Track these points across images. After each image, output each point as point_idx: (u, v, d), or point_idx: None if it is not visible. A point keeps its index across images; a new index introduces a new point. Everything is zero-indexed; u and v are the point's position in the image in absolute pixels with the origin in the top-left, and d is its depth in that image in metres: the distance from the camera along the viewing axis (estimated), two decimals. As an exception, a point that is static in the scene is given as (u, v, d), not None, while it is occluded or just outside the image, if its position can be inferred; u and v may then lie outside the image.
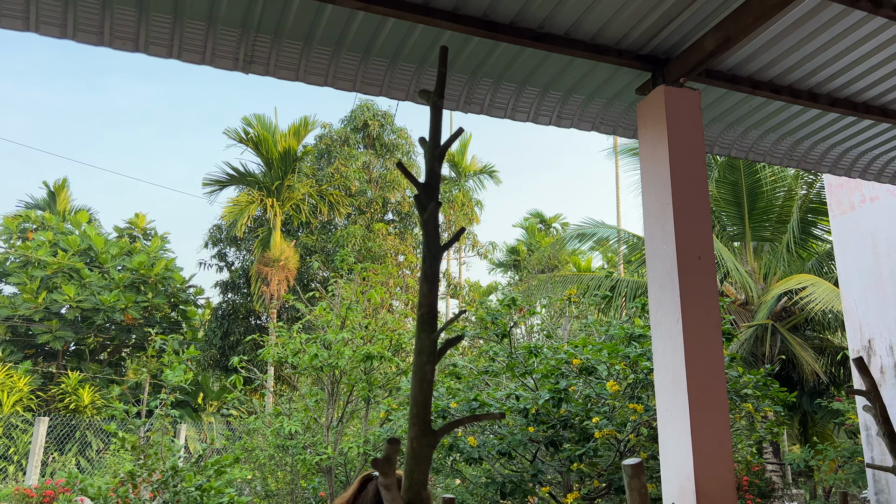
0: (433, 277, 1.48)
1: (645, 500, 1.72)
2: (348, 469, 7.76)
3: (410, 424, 1.60)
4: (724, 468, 2.91)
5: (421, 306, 1.52)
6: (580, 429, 4.72)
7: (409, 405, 1.64)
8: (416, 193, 1.42)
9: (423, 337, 1.53)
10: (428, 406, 1.63)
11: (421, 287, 1.50)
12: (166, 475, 4.69)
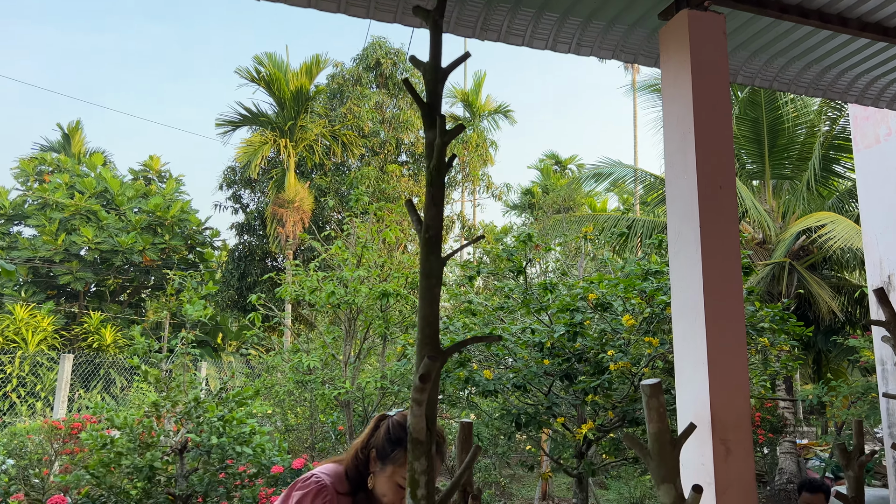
0: (439, 200, 1.45)
1: (663, 419, 1.72)
2: (366, 403, 7.93)
3: (420, 344, 1.60)
4: (740, 397, 2.93)
5: (428, 229, 1.50)
6: (595, 362, 4.75)
7: (418, 326, 1.64)
8: (424, 112, 1.38)
9: (431, 259, 1.51)
10: (436, 326, 1.63)
11: (428, 210, 1.48)
12: (189, 406, 4.81)
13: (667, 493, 1.65)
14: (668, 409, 4.64)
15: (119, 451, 4.59)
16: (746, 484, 2.91)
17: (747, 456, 2.95)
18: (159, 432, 4.94)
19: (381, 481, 1.97)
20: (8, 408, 13.19)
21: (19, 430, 7.72)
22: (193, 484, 4.57)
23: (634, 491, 10.48)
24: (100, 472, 4.41)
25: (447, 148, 1.45)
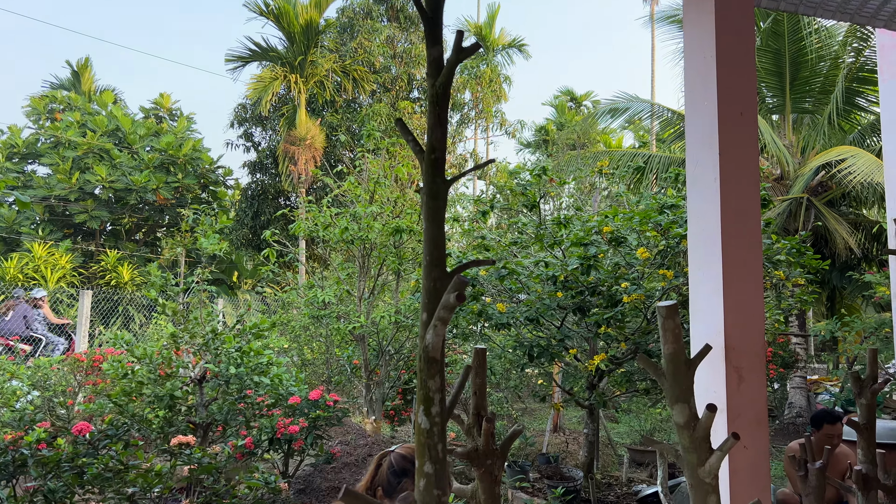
0: (444, 119, 1.42)
1: (678, 340, 1.71)
2: (380, 338, 8.03)
3: (427, 264, 1.59)
4: (755, 326, 2.92)
5: (433, 150, 1.46)
6: (608, 295, 4.76)
7: (425, 249, 1.61)
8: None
9: (437, 181, 1.49)
10: (443, 248, 1.60)
11: (433, 130, 1.44)
12: (207, 338, 4.89)
13: (680, 413, 1.66)
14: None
15: (140, 380, 4.70)
16: (758, 412, 2.93)
17: (760, 384, 2.96)
18: (178, 364, 5.04)
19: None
20: (31, 343, 13.50)
21: (43, 364, 7.91)
22: (213, 413, 4.69)
23: (645, 424, 10.66)
24: (122, 401, 4.53)
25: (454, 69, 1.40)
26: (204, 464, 3.34)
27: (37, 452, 3.68)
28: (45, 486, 3.30)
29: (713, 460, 1.65)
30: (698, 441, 1.67)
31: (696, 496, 1.68)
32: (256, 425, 5.63)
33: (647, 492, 5.50)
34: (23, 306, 10.70)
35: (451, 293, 1.51)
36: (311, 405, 5.89)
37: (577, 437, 10.44)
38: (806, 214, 10.75)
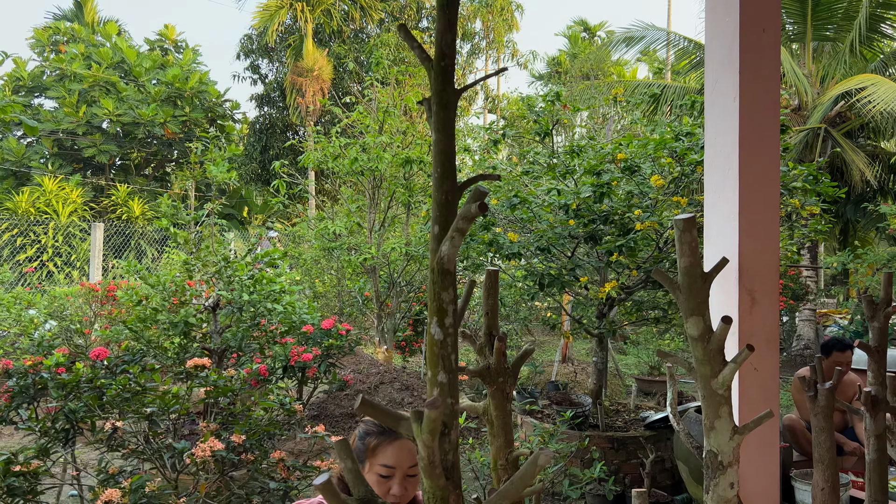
0: (454, 24, 1.36)
1: (695, 253, 1.69)
2: (391, 270, 8.07)
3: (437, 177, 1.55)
4: (769, 249, 2.89)
5: (443, 56, 1.41)
6: (620, 224, 4.72)
7: (434, 161, 1.57)
8: None
9: (447, 90, 1.44)
10: (453, 159, 1.57)
11: (442, 36, 1.39)
12: (219, 266, 4.91)
13: (695, 326, 1.65)
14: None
15: (154, 308, 4.76)
16: (770, 334, 2.93)
17: (772, 307, 2.95)
18: (191, 292, 5.09)
19: (370, 479, 1.94)
20: (46, 276, 13.69)
21: (59, 294, 8.02)
22: (227, 339, 4.75)
23: (653, 356, 10.78)
24: (137, 328, 4.60)
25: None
26: (220, 386, 3.40)
27: (56, 376, 3.76)
28: (66, 406, 3.38)
29: (726, 372, 1.65)
30: (712, 353, 1.66)
31: (708, 407, 1.69)
32: (270, 353, 5.72)
33: (654, 418, 5.59)
34: (265, 243, 11.11)
35: (472, 203, 1.48)
36: (324, 334, 5.97)
37: (585, 368, 10.59)
38: (823, 146, 10.56)
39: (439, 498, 1.52)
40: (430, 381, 1.61)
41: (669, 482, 5.49)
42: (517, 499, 2.44)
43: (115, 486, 2.86)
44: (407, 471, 1.84)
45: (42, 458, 3.11)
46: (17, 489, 2.81)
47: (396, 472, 1.83)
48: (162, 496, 2.82)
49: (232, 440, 3.06)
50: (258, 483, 3.33)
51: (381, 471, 1.82)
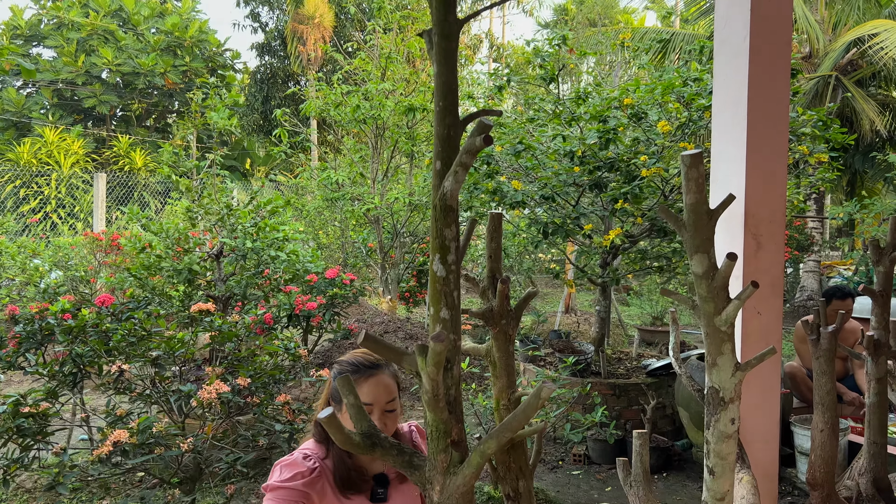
0: None
1: (701, 190, 1.66)
2: (395, 220, 8.04)
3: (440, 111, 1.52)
4: (776, 193, 2.86)
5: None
6: (626, 171, 4.67)
7: (436, 94, 1.53)
8: None
9: (449, 20, 1.40)
10: (455, 93, 1.53)
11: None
12: (222, 213, 4.90)
13: (700, 263, 1.64)
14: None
15: (158, 255, 4.76)
16: (774, 279, 2.92)
17: (777, 252, 2.93)
18: (195, 240, 5.09)
19: (345, 420, 1.92)
20: (50, 228, 13.71)
21: (63, 244, 8.04)
22: (231, 287, 4.77)
23: (655, 307, 10.83)
24: (141, 275, 4.61)
25: None
26: (224, 331, 3.42)
27: (62, 322, 3.79)
28: (72, 351, 3.41)
29: (730, 309, 1.64)
30: (716, 290, 1.65)
31: (711, 344, 1.69)
32: (275, 302, 5.75)
33: (656, 365, 5.63)
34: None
35: (476, 136, 1.45)
36: (328, 283, 5.99)
37: (588, 318, 10.65)
38: (833, 95, 10.39)
39: (442, 431, 1.54)
40: (432, 318, 1.60)
41: (670, 428, 5.57)
42: (519, 431, 2.46)
43: (123, 428, 2.91)
44: (385, 406, 1.83)
45: (50, 401, 3.16)
46: (26, 430, 2.86)
47: (374, 408, 1.83)
48: (169, 436, 2.86)
49: (237, 383, 3.09)
50: (264, 425, 3.38)
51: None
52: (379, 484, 1.87)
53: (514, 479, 2.59)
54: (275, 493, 1.72)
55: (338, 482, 1.79)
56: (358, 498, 1.82)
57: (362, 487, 1.82)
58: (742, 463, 2.62)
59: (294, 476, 1.75)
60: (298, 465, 1.78)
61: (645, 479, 2.64)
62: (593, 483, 4.91)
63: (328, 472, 1.81)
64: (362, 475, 1.83)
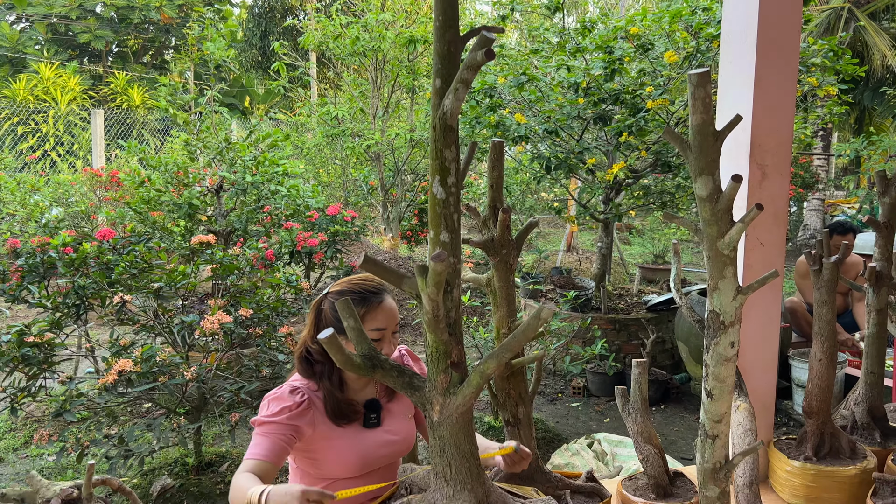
0: None
1: (708, 111, 1.62)
2: (396, 157, 7.96)
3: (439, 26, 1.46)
4: (784, 122, 2.80)
5: None
6: (631, 104, 4.59)
7: (434, 8, 1.48)
8: None
9: None
10: (456, 7, 1.48)
11: None
12: (220, 147, 4.84)
13: (704, 185, 1.61)
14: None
15: (157, 188, 4.73)
16: (778, 210, 2.89)
17: (783, 183, 2.90)
18: (195, 175, 5.05)
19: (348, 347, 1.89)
20: (50, 166, 13.62)
21: (63, 181, 8.00)
22: (232, 222, 4.75)
23: (657, 246, 10.84)
24: (142, 209, 4.59)
25: None
26: (225, 263, 3.42)
27: (64, 255, 3.79)
28: (75, 283, 3.42)
29: (733, 232, 1.62)
30: (720, 213, 1.63)
31: (713, 268, 1.68)
32: (277, 239, 5.74)
33: (656, 300, 5.66)
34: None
35: (477, 50, 1.40)
36: (330, 220, 5.97)
37: (589, 257, 10.67)
38: (844, 28, 10.12)
39: (442, 352, 1.54)
40: (432, 241, 1.59)
41: (669, 362, 5.64)
42: (519, 359, 2.47)
43: (127, 358, 2.94)
44: (394, 328, 1.87)
45: (55, 332, 3.18)
46: (31, 359, 2.89)
47: (387, 332, 1.86)
48: (172, 366, 2.89)
49: (240, 314, 3.11)
50: (267, 356, 3.41)
51: (373, 335, 1.83)
52: (370, 410, 1.89)
53: (513, 406, 2.62)
54: (262, 428, 1.74)
55: (329, 414, 1.81)
56: (351, 426, 1.85)
57: (353, 417, 1.85)
58: (740, 391, 2.65)
59: (281, 410, 1.76)
60: (285, 399, 1.79)
61: (643, 407, 2.67)
62: (592, 414, 5.00)
63: (318, 403, 1.83)
64: (353, 406, 1.85)
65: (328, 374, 1.86)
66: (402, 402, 1.99)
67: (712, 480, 1.77)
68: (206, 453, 3.66)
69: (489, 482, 1.54)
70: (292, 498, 1.38)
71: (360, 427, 1.86)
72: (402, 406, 1.98)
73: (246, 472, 1.64)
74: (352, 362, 1.48)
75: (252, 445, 1.73)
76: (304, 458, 1.84)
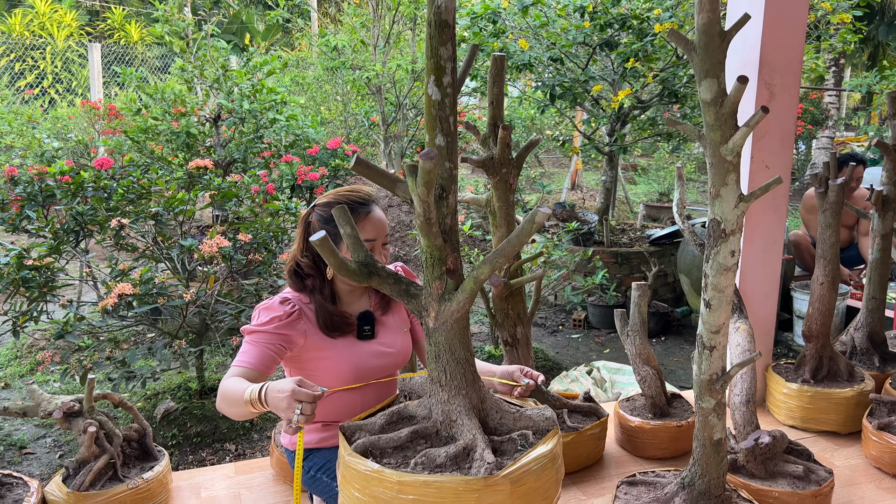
0: None
1: (715, 9, 1.56)
2: (397, 90, 7.82)
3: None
4: (794, 42, 2.71)
5: None
6: (638, 30, 4.45)
7: None
8: None
9: None
10: None
11: None
12: (218, 74, 4.74)
13: (708, 88, 1.55)
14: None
15: (154, 116, 4.66)
16: (785, 132, 2.83)
17: (791, 104, 2.83)
18: (192, 104, 4.96)
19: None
20: (48, 103, 13.45)
21: (61, 115, 7.91)
22: (231, 151, 4.69)
23: (663, 184, 10.74)
24: (139, 138, 4.52)
25: None
26: (224, 189, 3.39)
27: (62, 184, 3.75)
28: (73, 209, 3.40)
29: (737, 137, 1.58)
30: (724, 117, 1.58)
31: (715, 175, 1.64)
32: (277, 172, 5.68)
33: (659, 233, 5.63)
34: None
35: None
36: (330, 154, 5.90)
37: (593, 194, 10.60)
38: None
39: (436, 257, 1.52)
40: (427, 146, 1.55)
41: (671, 295, 5.65)
42: (519, 279, 2.44)
43: (127, 282, 2.94)
44: (383, 240, 1.85)
45: (54, 257, 3.17)
46: (31, 281, 2.89)
47: (377, 243, 1.84)
48: (172, 288, 2.89)
49: (239, 239, 3.09)
50: (268, 282, 3.41)
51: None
52: (364, 322, 1.88)
53: (511, 326, 2.62)
54: (251, 337, 1.74)
55: (321, 327, 1.80)
56: (344, 338, 1.84)
57: (346, 330, 1.83)
58: (740, 314, 2.64)
59: (271, 320, 1.75)
60: (275, 309, 1.78)
61: (642, 329, 2.67)
62: (592, 346, 5.04)
63: (310, 315, 1.81)
64: (345, 319, 1.84)
65: (319, 287, 1.84)
66: (398, 316, 1.98)
67: (708, 392, 1.77)
68: (208, 379, 3.70)
69: (484, 389, 1.54)
70: (284, 396, 1.37)
71: (353, 339, 1.85)
72: (398, 319, 1.97)
73: (233, 376, 1.64)
74: (347, 267, 1.46)
75: (240, 353, 1.72)
76: (296, 368, 1.85)
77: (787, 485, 2.05)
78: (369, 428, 1.50)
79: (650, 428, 2.52)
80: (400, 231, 8.08)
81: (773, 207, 2.88)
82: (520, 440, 1.43)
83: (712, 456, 1.82)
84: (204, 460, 3.23)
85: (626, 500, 1.97)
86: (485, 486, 1.23)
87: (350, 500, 1.37)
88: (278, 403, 1.39)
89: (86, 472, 2.12)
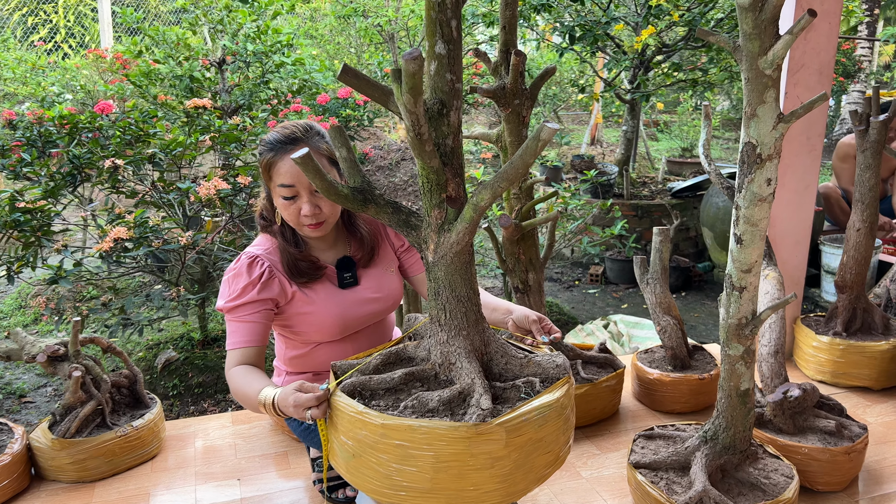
0: None
1: None
2: (411, 36, 7.58)
3: None
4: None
5: None
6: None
7: None
8: None
9: None
10: None
11: None
12: (221, 14, 4.55)
13: None
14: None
15: (157, 59, 4.50)
16: (824, 63, 2.62)
17: (832, 31, 2.60)
18: (197, 49, 4.78)
19: (277, 205, 1.62)
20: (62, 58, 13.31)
21: (70, 66, 7.76)
22: (236, 97, 4.53)
23: (686, 140, 10.43)
24: (141, 82, 4.37)
25: None
26: (224, 131, 3.24)
27: (61, 129, 3.62)
28: (69, 152, 3.27)
29: (779, 46, 1.38)
30: (764, 24, 1.38)
31: (752, 92, 1.45)
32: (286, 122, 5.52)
33: (681, 186, 5.41)
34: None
35: None
36: (341, 104, 5.71)
37: (613, 149, 10.32)
38: None
39: (434, 182, 1.35)
40: (427, 55, 1.37)
41: (693, 250, 5.46)
42: (532, 220, 2.26)
43: (122, 225, 2.82)
44: (310, 187, 1.60)
45: (50, 200, 3.06)
46: (24, 224, 2.78)
47: (299, 189, 1.59)
48: (167, 231, 2.77)
49: (238, 181, 2.95)
50: (270, 229, 3.27)
51: (283, 192, 1.59)
52: (343, 269, 1.72)
53: (523, 272, 2.45)
54: (232, 314, 1.59)
55: (286, 272, 1.64)
56: (324, 288, 1.68)
57: (314, 275, 1.66)
58: (769, 260, 2.47)
59: (244, 289, 1.60)
60: (243, 275, 1.61)
61: (663, 277, 2.50)
62: (609, 301, 4.88)
63: (281, 268, 1.66)
64: (313, 264, 1.67)
65: (280, 230, 1.69)
66: (382, 256, 1.80)
67: (736, 337, 1.62)
68: (211, 330, 3.60)
69: (489, 330, 1.39)
70: (289, 407, 1.27)
71: (334, 288, 1.69)
72: (383, 260, 1.80)
73: (237, 365, 1.54)
74: (336, 191, 1.30)
75: (229, 334, 1.59)
76: (282, 327, 1.71)
77: (817, 440, 1.91)
78: (363, 368, 1.36)
79: (670, 380, 2.38)
80: (414, 185, 7.92)
81: (808, 148, 2.68)
82: (525, 387, 1.28)
83: (738, 407, 1.67)
84: (206, 411, 3.14)
85: (643, 454, 1.83)
86: (476, 434, 1.09)
87: (336, 444, 1.25)
88: (289, 413, 1.28)
89: (71, 419, 2.03)
